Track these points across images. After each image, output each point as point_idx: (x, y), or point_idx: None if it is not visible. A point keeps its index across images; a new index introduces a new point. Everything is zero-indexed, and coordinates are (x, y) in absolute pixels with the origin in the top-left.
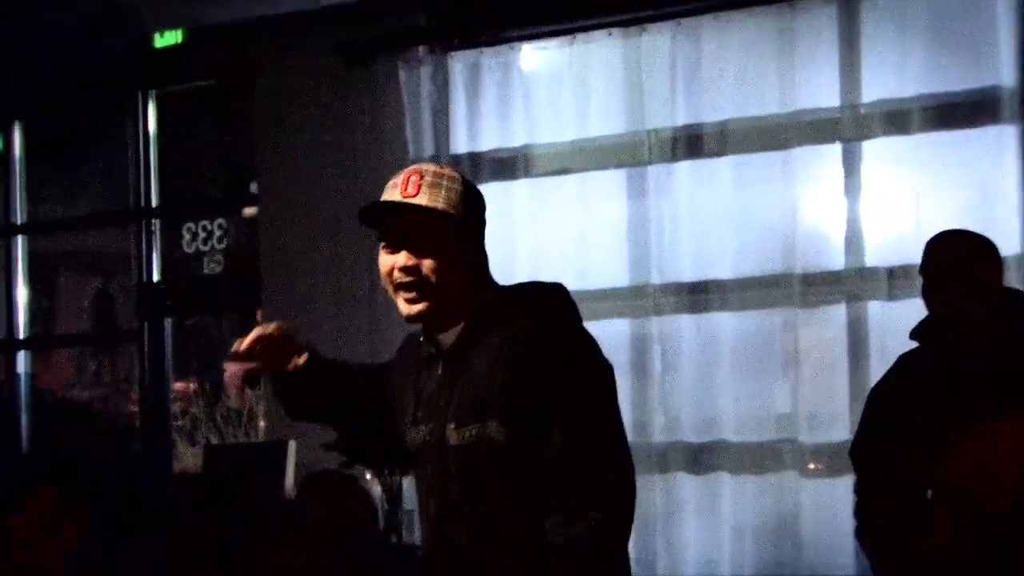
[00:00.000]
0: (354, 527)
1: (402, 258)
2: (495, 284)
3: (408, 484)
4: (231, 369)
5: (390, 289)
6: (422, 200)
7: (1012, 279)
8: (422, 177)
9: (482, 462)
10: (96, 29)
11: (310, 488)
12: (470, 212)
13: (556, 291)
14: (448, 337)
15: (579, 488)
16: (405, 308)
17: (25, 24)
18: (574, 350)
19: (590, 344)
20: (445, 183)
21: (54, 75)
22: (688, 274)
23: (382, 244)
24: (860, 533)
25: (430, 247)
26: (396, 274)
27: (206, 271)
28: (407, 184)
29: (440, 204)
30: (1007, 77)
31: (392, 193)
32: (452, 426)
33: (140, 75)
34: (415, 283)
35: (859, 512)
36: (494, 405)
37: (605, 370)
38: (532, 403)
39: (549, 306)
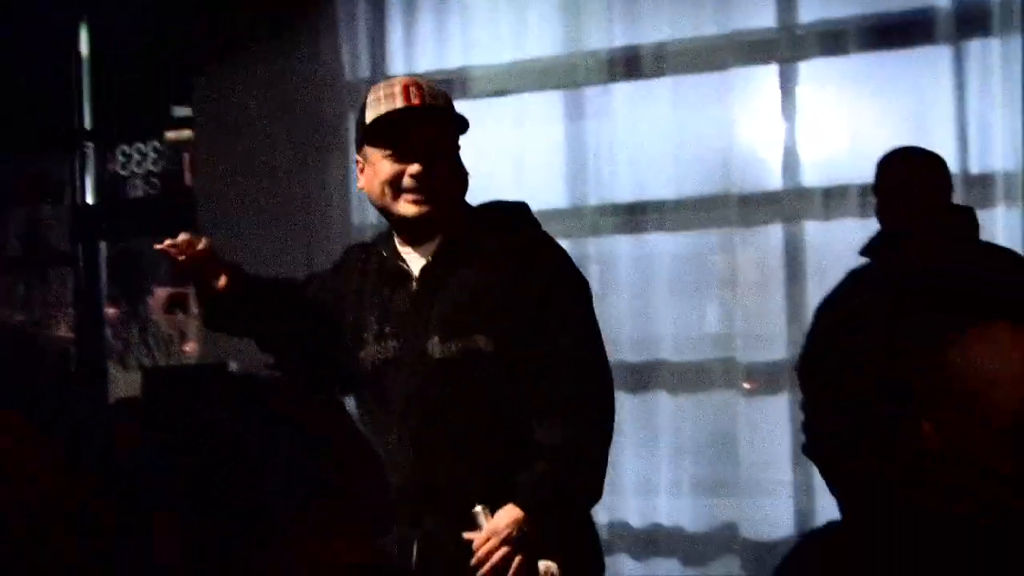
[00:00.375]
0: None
1: (415, 166)
2: (466, 202)
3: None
4: (159, 293)
5: (388, 195)
6: (435, 103)
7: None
8: (420, 87)
9: (469, 375)
10: None
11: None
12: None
13: (527, 208)
14: (425, 251)
15: (569, 393)
16: (411, 209)
17: None
18: (558, 261)
19: (568, 256)
20: (441, 93)
21: None
22: (625, 195)
23: (387, 153)
24: (808, 450)
25: (442, 155)
26: (407, 180)
27: (140, 194)
28: (408, 94)
29: (449, 109)
30: None
31: (391, 101)
32: (436, 339)
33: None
34: (424, 188)
35: (807, 429)
36: (481, 317)
37: (584, 280)
38: (521, 313)
39: (526, 221)
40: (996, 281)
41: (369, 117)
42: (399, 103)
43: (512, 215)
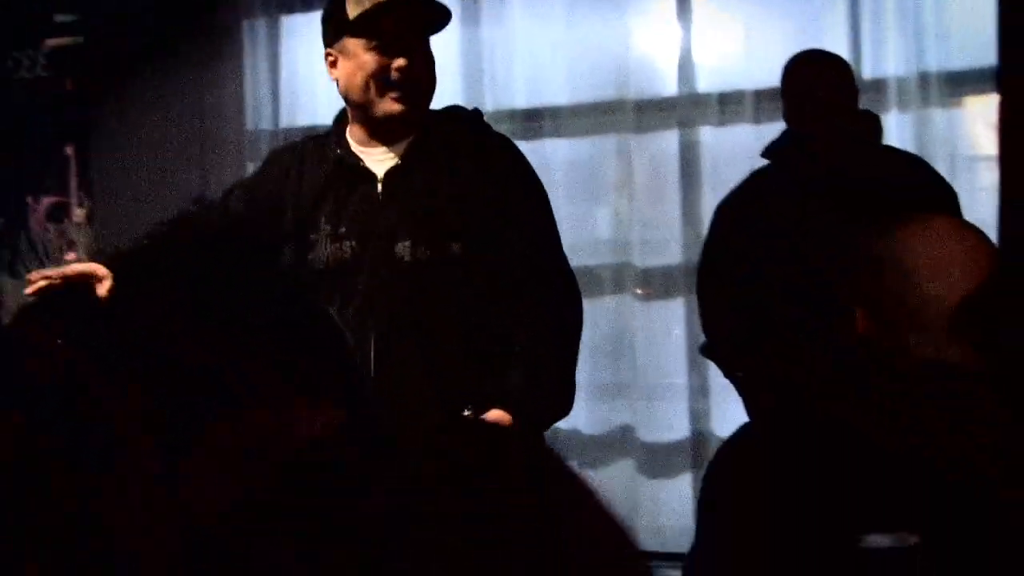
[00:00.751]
0: None
1: (401, 60)
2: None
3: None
4: (42, 202)
5: (373, 90)
6: None
7: None
8: None
9: (441, 279)
10: None
11: None
12: None
13: (480, 114)
14: (388, 153)
15: (544, 286)
16: (395, 107)
17: None
18: (520, 165)
19: (527, 161)
20: None
21: None
22: (521, 101)
23: (372, 45)
24: (707, 350)
25: (427, 49)
26: (394, 75)
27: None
28: None
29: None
30: None
31: None
32: (408, 243)
33: None
34: (410, 85)
35: (707, 329)
36: (452, 222)
37: (541, 184)
38: (487, 218)
39: (483, 126)
40: (898, 182)
41: (353, 9)
42: None
43: (470, 119)
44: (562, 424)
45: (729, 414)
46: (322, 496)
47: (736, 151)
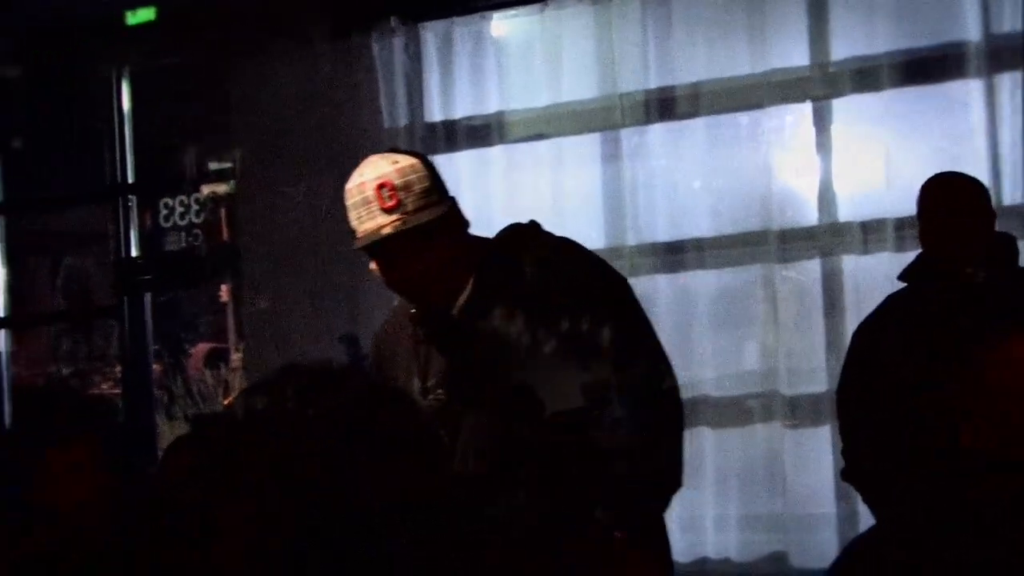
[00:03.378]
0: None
1: (395, 275)
2: (478, 239)
3: None
4: (199, 347)
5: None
6: (407, 212)
7: None
8: (392, 186)
9: (519, 411)
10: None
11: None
12: (440, 191)
13: (538, 225)
14: (455, 307)
15: (639, 399)
16: (409, 304)
17: None
18: (587, 265)
19: (596, 258)
20: (414, 178)
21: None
22: (664, 234)
23: (372, 263)
24: (848, 474)
25: (418, 259)
26: (395, 287)
27: (183, 245)
28: (381, 197)
29: (424, 216)
30: (973, 32)
31: (369, 210)
32: (479, 383)
33: (113, 52)
34: (411, 289)
35: (846, 453)
36: (522, 354)
37: (620, 279)
38: (563, 338)
39: (543, 240)
40: None
41: (355, 230)
42: (376, 209)
43: (531, 234)
44: (712, 553)
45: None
46: None
47: (878, 279)
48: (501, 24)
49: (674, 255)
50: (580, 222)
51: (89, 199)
